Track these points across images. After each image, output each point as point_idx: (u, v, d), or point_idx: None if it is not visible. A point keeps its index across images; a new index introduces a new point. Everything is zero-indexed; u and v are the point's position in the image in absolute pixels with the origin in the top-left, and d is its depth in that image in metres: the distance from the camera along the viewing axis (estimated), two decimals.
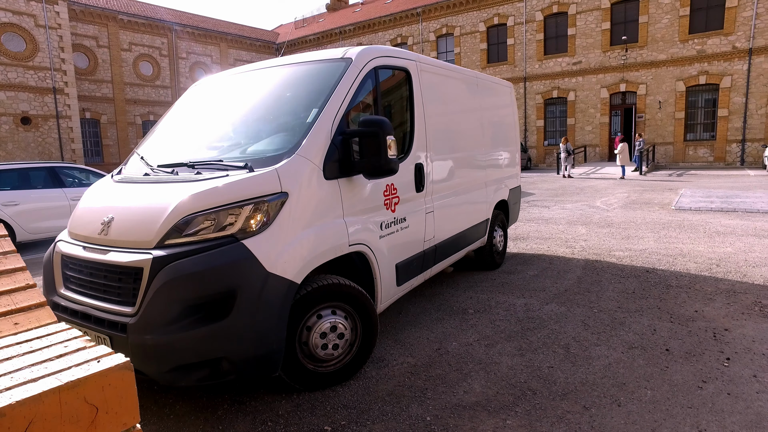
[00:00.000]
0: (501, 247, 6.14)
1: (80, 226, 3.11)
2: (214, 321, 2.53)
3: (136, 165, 3.51)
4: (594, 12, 25.09)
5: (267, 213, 2.74)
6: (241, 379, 2.67)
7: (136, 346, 2.51)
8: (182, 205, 2.67)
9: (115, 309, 2.65)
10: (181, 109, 4.07)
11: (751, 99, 21.85)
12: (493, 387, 3.05)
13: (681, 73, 23.16)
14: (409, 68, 3.99)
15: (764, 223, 8.27)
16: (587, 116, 26.01)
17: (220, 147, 3.38)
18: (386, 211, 3.58)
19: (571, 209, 10.93)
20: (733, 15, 21.85)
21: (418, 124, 4.03)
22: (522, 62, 27.74)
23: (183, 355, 2.51)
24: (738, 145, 22.34)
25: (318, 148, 3.01)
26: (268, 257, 2.65)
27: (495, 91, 5.97)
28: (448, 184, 4.57)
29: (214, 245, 2.60)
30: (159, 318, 2.49)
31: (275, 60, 3.95)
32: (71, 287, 2.98)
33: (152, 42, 30.59)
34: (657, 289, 4.91)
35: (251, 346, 2.59)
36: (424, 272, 4.24)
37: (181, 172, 3.04)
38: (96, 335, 2.68)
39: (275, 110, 3.54)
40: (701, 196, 12.09)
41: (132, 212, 2.85)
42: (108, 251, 2.78)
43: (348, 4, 44.13)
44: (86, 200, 3.31)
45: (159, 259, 2.56)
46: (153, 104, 30.82)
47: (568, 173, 20.05)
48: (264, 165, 2.90)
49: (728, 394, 2.88)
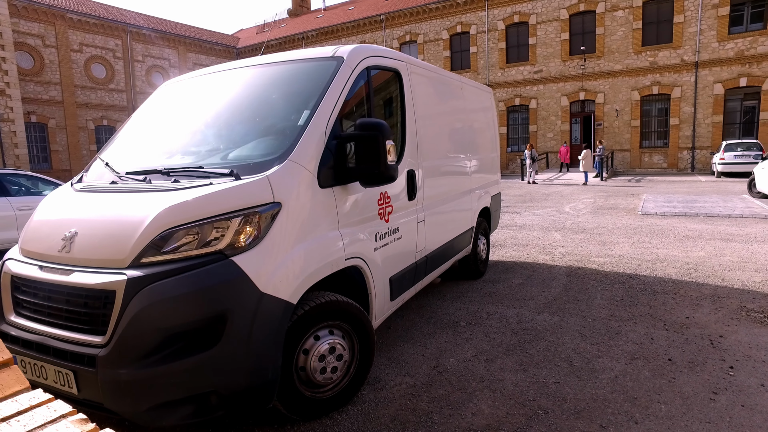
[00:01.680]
0: (484, 256, 6.01)
1: (35, 241, 2.68)
2: (201, 350, 2.20)
3: (100, 172, 3.09)
4: (554, 23, 25.82)
5: (258, 226, 2.42)
6: (231, 414, 2.34)
7: (107, 383, 2.15)
8: (160, 217, 2.31)
9: (81, 339, 2.27)
10: (150, 111, 3.67)
11: (699, 109, 22.99)
12: (501, 407, 2.86)
13: (636, 83, 24.12)
14: (400, 69, 3.76)
15: (726, 227, 8.55)
16: (549, 123, 26.67)
17: (197, 152, 3.03)
18: (380, 221, 3.32)
19: (542, 215, 11.02)
20: (681, 30, 22.99)
21: (409, 128, 3.80)
22: (485, 70, 28.19)
23: (165, 391, 2.17)
24: (689, 152, 23.44)
25: (312, 153, 2.72)
26: (261, 276, 2.34)
27: (477, 96, 5.87)
28: (438, 192, 4.38)
29: (199, 263, 2.26)
30: (136, 349, 2.14)
31: (256, 58, 3.61)
32: (24, 314, 2.56)
33: (105, 43, 29.18)
34: (644, 295, 4.88)
35: (244, 377, 2.28)
36: (416, 285, 4.01)
37: (154, 179, 2.69)
38: (56, 370, 2.30)
39: (259, 112, 3.19)
40: (663, 201, 12.49)
41: (100, 226, 2.47)
42: (71, 271, 2.39)
43: (310, 10, 43.75)
44: (42, 212, 2.86)
45: (135, 281, 2.20)
46: (107, 108, 29.36)
47: (533, 179, 20.40)
48: (252, 172, 2.57)
49: (742, 406, 2.80)
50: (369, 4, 35.01)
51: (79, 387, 2.24)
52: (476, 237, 5.64)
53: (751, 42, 21.72)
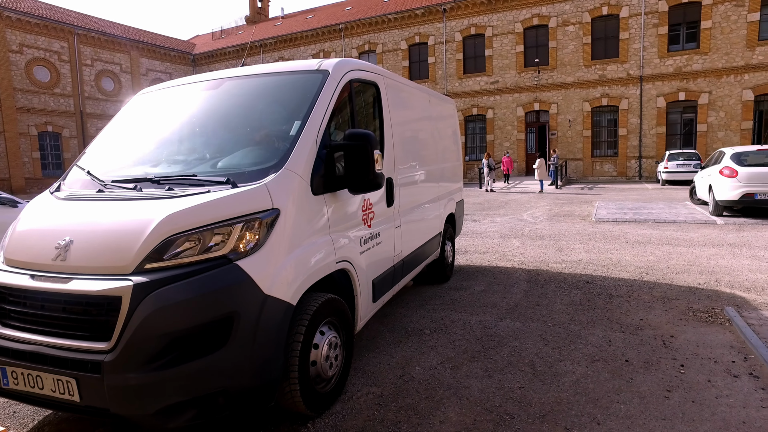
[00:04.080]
0: (451, 260, 6.20)
1: (23, 251, 2.64)
2: (209, 352, 2.26)
3: (80, 180, 3.10)
4: (509, 35, 26.68)
5: (259, 232, 2.52)
6: (235, 414, 2.40)
7: (114, 388, 2.18)
8: (163, 224, 2.36)
9: (82, 346, 2.27)
10: (128, 119, 3.68)
11: (645, 120, 24.28)
12: (469, 414, 2.88)
13: (587, 94, 25.22)
14: (378, 82, 3.93)
15: (672, 233, 9.03)
16: (505, 133, 27.43)
17: (185, 161, 3.09)
18: (364, 226, 3.48)
19: (500, 223, 11.27)
20: (626, 46, 24.28)
21: (387, 138, 3.96)
22: (443, 80, 28.73)
23: (173, 393, 2.22)
24: (636, 161, 24.67)
25: (305, 162, 2.84)
26: (264, 279, 2.44)
27: (442, 107, 6.10)
28: (412, 199, 4.59)
29: (203, 268, 2.33)
30: (144, 353, 2.19)
31: (238, 69, 3.66)
32: (12, 324, 2.51)
33: (49, 45, 27.78)
34: (601, 299, 5.07)
35: (251, 377, 2.37)
36: (394, 288, 4.20)
37: (145, 188, 2.73)
38: (54, 379, 2.29)
39: (248, 122, 3.28)
40: (614, 208, 13.05)
41: (97, 234, 2.48)
42: (69, 279, 2.38)
43: (269, 18, 43.34)
44: (27, 221, 2.82)
45: (141, 286, 2.24)
46: (52, 114, 27.90)
47: (491, 187, 20.89)
48: (248, 180, 2.67)
49: (693, 402, 2.94)
50: (328, 13, 35.07)
51: (82, 394, 2.26)
52: (444, 242, 5.83)
53: (687, 60, 23.21)
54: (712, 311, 4.57)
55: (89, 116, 29.84)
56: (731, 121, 22.71)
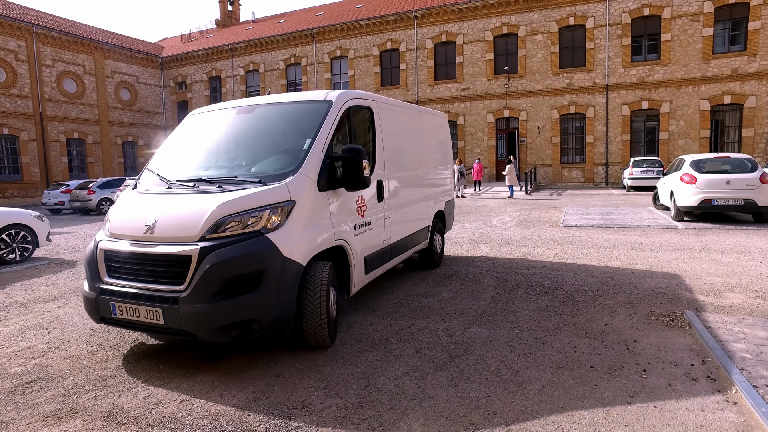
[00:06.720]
0: (440, 249, 7.25)
1: (123, 227, 3.85)
2: (247, 292, 3.40)
3: (152, 179, 4.33)
4: (479, 43, 27.07)
5: (281, 215, 3.66)
6: (264, 337, 3.52)
7: (188, 314, 3.32)
8: (217, 210, 3.53)
9: (166, 288, 3.46)
10: (182, 134, 4.93)
11: (610, 128, 24.97)
12: (433, 425, 2.81)
13: (555, 102, 25.78)
14: (372, 106, 5.09)
15: (637, 237, 9.24)
16: (476, 139, 27.75)
17: (228, 166, 4.31)
18: (358, 216, 4.56)
19: (470, 228, 11.33)
20: (592, 55, 24.96)
21: (378, 149, 5.10)
22: (414, 86, 28.90)
23: (224, 317, 3.35)
24: (603, 168, 25.32)
25: (314, 168, 3.95)
26: (285, 247, 3.56)
27: (432, 122, 7.19)
28: (400, 197, 5.65)
29: (244, 238, 3.48)
30: (206, 291, 3.32)
31: (265, 98, 4.90)
32: (117, 276, 3.75)
33: (5, 44, 26.64)
34: (567, 305, 5.10)
35: (275, 311, 3.49)
36: (384, 265, 5.24)
37: (201, 185, 3.93)
38: (147, 309, 3.44)
39: (273, 138, 4.52)
40: (582, 213, 13.31)
41: (174, 216, 3.65)
42: (156, 245, 3.58)
43: (239, 21, 42.81)
44: (122, 208, 4.08)
45: (205, 249, 3.41)
46: (8, 115, 26.73)
47: (461, 193, 21.04)
48: (274, 180, 3.81)
49: (654, 406, 2.95)
50: (299, 18, 34.87)
51: (165, 319, 3.40)
52: (432, 234, 6.88)
53: (649, 70, 24.03)
54: (674, 315, 4.65)
55: (50, 119, 28.73)
56: (690, 129, 23.58)
